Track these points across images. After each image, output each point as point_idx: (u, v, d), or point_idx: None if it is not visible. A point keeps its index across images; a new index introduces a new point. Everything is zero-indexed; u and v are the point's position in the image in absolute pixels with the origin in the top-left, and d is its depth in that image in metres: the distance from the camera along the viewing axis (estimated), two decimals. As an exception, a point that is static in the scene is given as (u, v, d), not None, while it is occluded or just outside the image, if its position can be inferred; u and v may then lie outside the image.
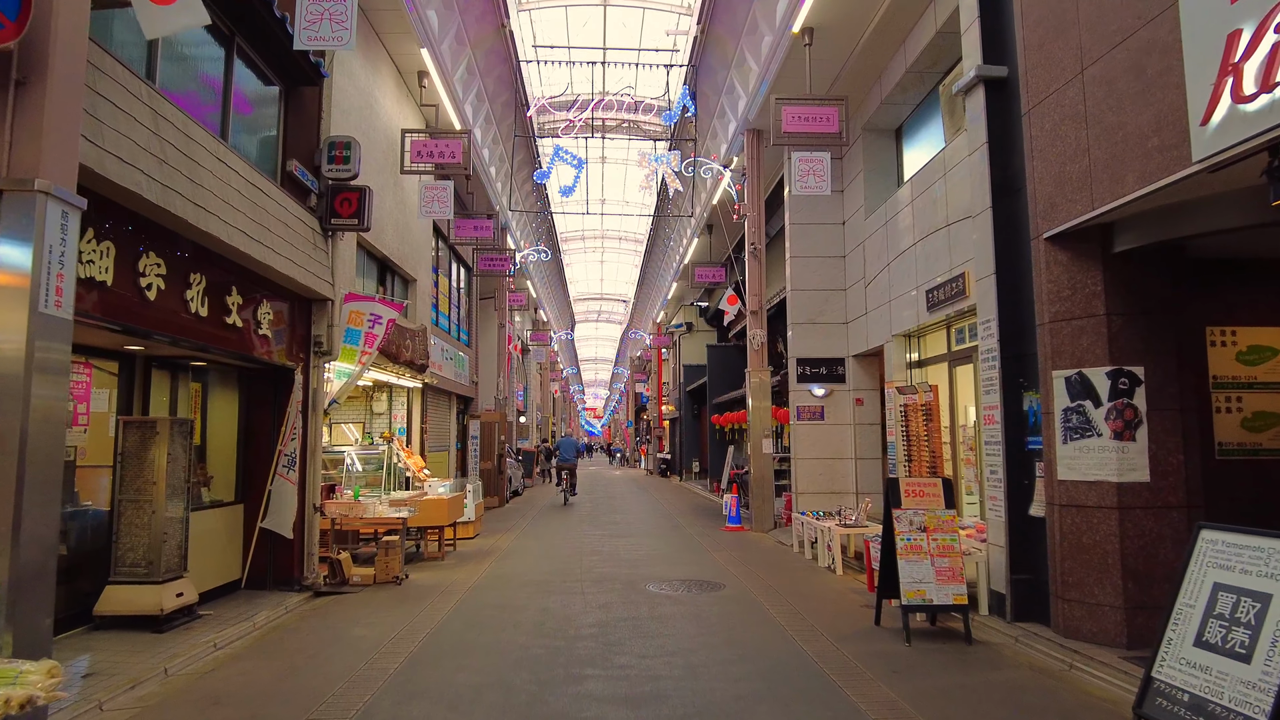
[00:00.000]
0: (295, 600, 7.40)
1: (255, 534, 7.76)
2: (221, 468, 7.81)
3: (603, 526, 13.35)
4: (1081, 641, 5.37)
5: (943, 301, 8.95)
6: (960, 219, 8.54)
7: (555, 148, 11.19)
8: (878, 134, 11.89)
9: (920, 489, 6.00)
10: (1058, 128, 5.68)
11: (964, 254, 8.44)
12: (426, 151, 10.84)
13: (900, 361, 10.67)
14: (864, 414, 12.33)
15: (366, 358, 8.50)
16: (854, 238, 12.21)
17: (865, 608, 6.83)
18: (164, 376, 7.09)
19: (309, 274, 7.77)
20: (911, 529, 5.85)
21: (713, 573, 8.60)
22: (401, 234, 11.46)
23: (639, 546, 10.80)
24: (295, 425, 7.71)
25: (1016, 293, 6.38)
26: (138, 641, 5.66)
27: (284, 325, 7.80)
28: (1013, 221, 6.46)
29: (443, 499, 9.82)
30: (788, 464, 13.90)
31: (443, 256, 15.50)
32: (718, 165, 13.23)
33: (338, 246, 8.59)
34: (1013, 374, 6.36)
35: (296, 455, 7.71)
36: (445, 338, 15.05)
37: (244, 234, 6.27)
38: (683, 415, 27.77)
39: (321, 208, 8.33)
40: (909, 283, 10.03)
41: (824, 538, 9.05)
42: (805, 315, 12.53)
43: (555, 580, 8.20)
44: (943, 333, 9.87)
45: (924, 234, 9.57)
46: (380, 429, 12.60)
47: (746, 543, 11.23)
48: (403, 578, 8.38)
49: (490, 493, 17.58)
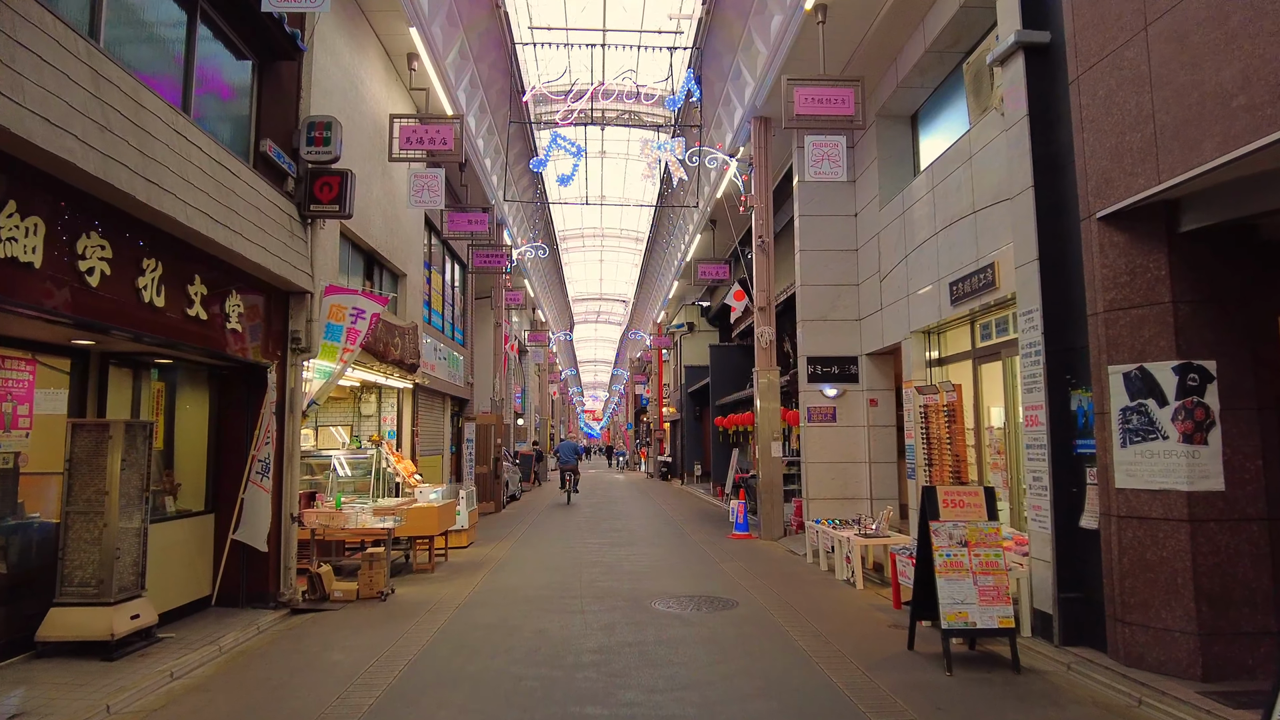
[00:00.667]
0: (269, 619, 6.78)
1: (227, 547, 7.14)
2: (190, 475, 7.19)
3: (603, 534, 12.72)
4: (1147, 671, 4.75)
5: (968, 294, 8.34)
6: (988, 205, 7.93)
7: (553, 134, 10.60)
8: (892, 120, 11.29)
9: (960, 498, 5.38)
10: (1114, 94, 5.08)
11: (993, 242, 7.84)
12: (416, 138, 10.23)
13: (919, 359, 10.06)
14: (878, 415, 11.72)
15: (348, 355, 7.88)
16: (867, 230, 11.60)
17: (893, 628, 6.22)
18: (125, 375, 6.47)
19: (284, 264, 7.15)
20: (951, 543, 5.23)
21: (723, 587, 7.98)
22: (390, 226, 10.84)
23: (642, 557, 10.18)
24: (269, 428, 7.09)
25: (1063, 280, 5.78)
26: (83, 671, 5.04)
27: (258, 320, 7.18)
28: (1058, 201, 5.85)
29: (433, 507, 9.19)
30: (796, 468, 13.31)
31: (435, 252, 14.89)
32: (723, 155, 12.62)
33: (318, 235, 7.97)
34: (1059, 370, 5.75)
35: (271, 461, 7.08)
36: (438, 336, 14.43)
37: (207, 216, 5.66)
38: (684, 417, 27.16)
39: (300, 193, 7.72)
40: (929, 275, 9.43)
41: (841, 549, 8.43)
42: (816, 312, 11.92)
43: (553, 596, 7.58)
44: (966, 328, 9.26)
45: (946, 223, 8.97)
46: (369, 432, 11.97)
47: (756, 552, 10.61)
48: (388, 593, 7.75)
49: (486, 498, 16.95)
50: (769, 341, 12.02)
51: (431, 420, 14.61)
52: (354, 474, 11.07)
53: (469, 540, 11.38)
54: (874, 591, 7.78)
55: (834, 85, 9.38)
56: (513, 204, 19.20)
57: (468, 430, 16.64)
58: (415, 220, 12.18)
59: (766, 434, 11.89)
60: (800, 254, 12.05)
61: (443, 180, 10.34)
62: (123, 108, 4.69)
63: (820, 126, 9.39)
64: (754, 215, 12.24)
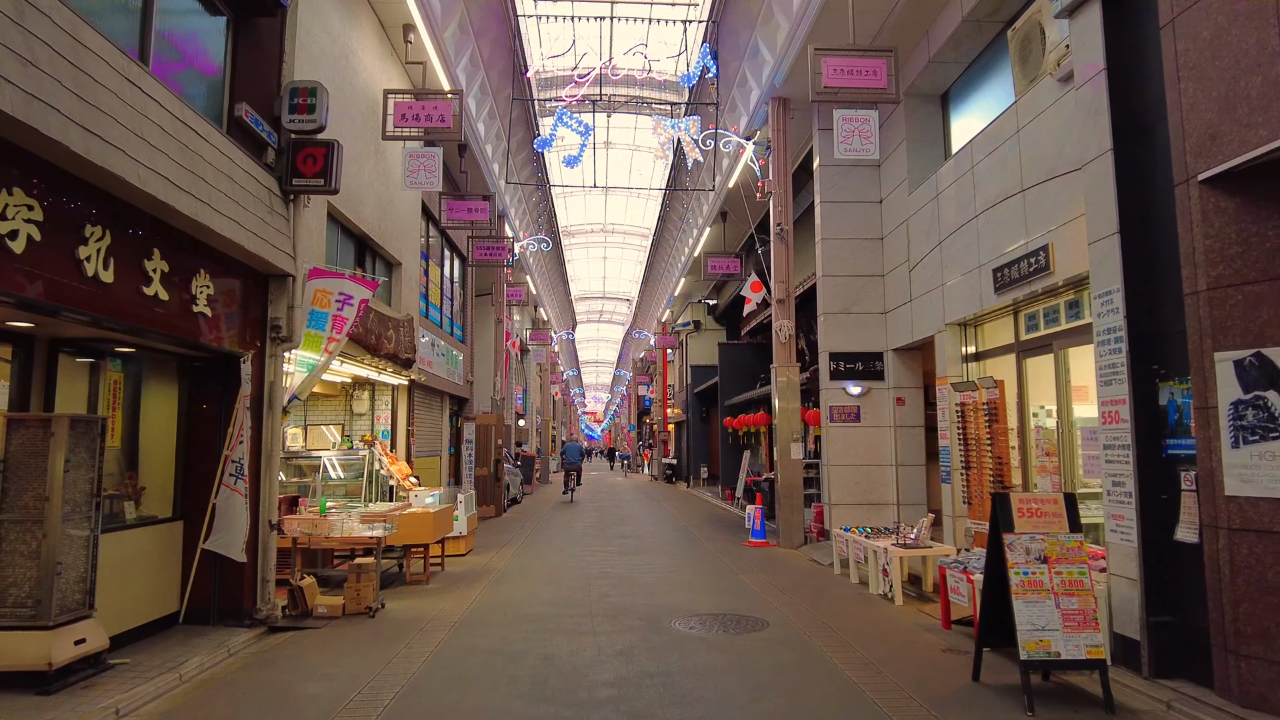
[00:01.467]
0: (242, 640, 6.03)
1: (197, 557, 6.40)
2: (157, 477, 6.45)
3: (611, 541, 11.96)
4: (1270, 715, 4.00)
5: (1017, 280, 7.59)
6: (1041, 181, 7.19)
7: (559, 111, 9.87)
8: (922, 100, 10.56)
9: (1037, 506, 4.62)
10: (1223, 33, 4.33)
11: (1046, 221, 7.10)
12: (412, 114, 9.48)
13: (955, 354, 9.31)
14: (906, 415, 10.96)
15: (334, 345, 7.14)
16: (895, 216, 10.86)
17: (949, 653, 5.46)
18: (80, 367, 5.73)
19: (262, 242, 6.42)
20: (1029, 559, 4.48)
21: (748, 603, 7.22)
22: (384, 210, 10.10)
23: (655, 567, 9.42)
24: (244, 425, 6.35)
25: (1148, 256, 5.03)
26: (11, 708, 4.29)
27: (235, 306, 6.45)
28: (1143, 166, 5.10)
29: (428, 512, 8.44)
30: (814, 471, 12.56)
31: (434, 244, 14.15)
32: (738, 138, 11.89)
33: (301, 214, 7.24)
34: (1145, 359, 5.00)
35: (246, 461, 6.34)
36: (436, 331, 13.69)
37: (166, 181, 4.92)
38: (690, 418, 26.41)
39: (281, 166, 6.98)
40: (968, 261, 8.68)
41: (876, 560, 7.68)
42: (838, 304, 11.18)
43: (559, 613, 6.82)
44: (1008, 319, 8.51)
45: (988, 204, 8.22)
46: (361, 431, 11.23)
47: (776, 562, 9.85)
48: (377, 608, 7.00)
49: (486, 501, 16.20)
50: (788, 336, 11.27)
51: (429, 420, 13.86)
52: (345, 476, 10.37)
53: (467, 547, 10.62)
54: (915, 608, 7.02)
55: (864, 56, 8.64)
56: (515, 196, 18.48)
57: (467, 431, 15.89)
58: (411, 206, 11.44)
59: (786, 435, 11.14)
60: (822, 243, 11.31)
61: (440, 160, 9.60)
62: (54, 41, 3.95)
63: (850, 100, 8.65)
64: (772, 201, 11.50)
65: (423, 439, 13.41)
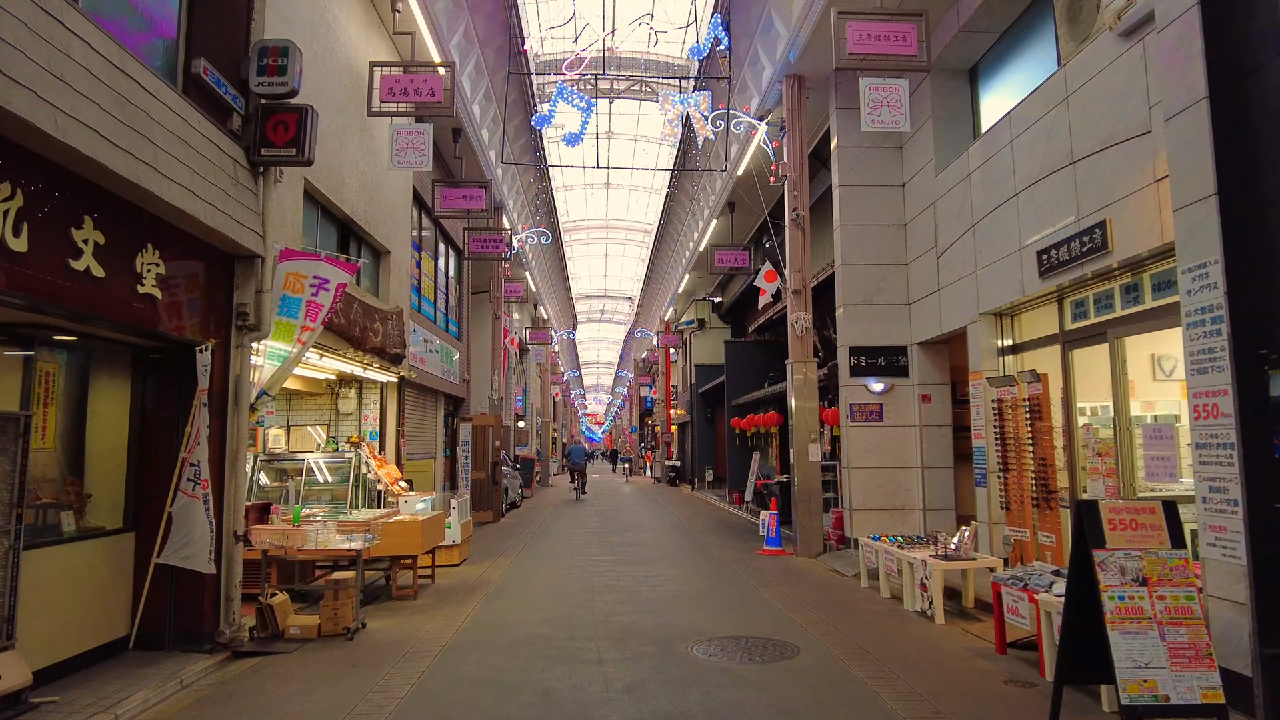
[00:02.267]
0: (200, 668, 5.28)
1: (150, 573, 5.65)
2: (106, 483, 5.70)
3: (614, 549, 11.20)
4: None
5: (1066, 262, 6.85)
6: (1096, 150, 6.45)
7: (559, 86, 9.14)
8: (948, 75, 9.82)
9: (1131, 517, 3.86)
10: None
11: (1102, 195, 6.37)
12: (400, 88, 8.76)
13: (990, 346, 8.56)
14: (932, 414, 10.21)
15: (308, 335, 6.38)
16: (919, 200, 10.11)
17: (1012, 686, 4.71)
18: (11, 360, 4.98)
19: (224, 217, 5.67)
20: (1125, 581, 3.72)
21: (771, 623, 6.45)
22: (370, 192, 9.36)
23: (664, 579, 8.66)
24: (203, 423, 5.59)
25: (1254, 220, 4.28)
26: (-104, 766, 3.55)
27: (194, 288, 5.72)
28: (1245, 116, 4.35)
29: (416, 520, 7.67)
30: (831, 473, 11.80)
31: (428, 235, 13.41)
32: (750, 118, 11.14)
33: (272, 189, 6.49)
34: (1251, 342, 4.25)
35: (205, 464, 5.58)
36: (430, 327, 12.94)
37: (94, 134, 4.17)
38: (694, 419, 25.64)
39: (249, 134, 6.24)
40: (1006, 245, 7.94)
41: (913, 573, 6.91)
42: (858, 295, 10.43)
43: (559, 636, 6.06)
44: (1051, 308, 7.76)
45: (1030, 180, 7.48)
46: (348, 432, 10.49)
47: (795, 573, 9.08)
48: (356, 628, 6.24)
49: (483, 506, 15.44)
50: (805, 329, 10.51)
51: (422, 420, 13.11)
52: (331, 480, 9.64)
53: (461, 557, 9.86)
54: (958, 628, 6.26)
55: (892, 20, 7.93)
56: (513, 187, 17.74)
57: (463, 432, 15.14)
58: (400, 190, 10.69)
59: (803, 435, 10.38)
60: (840, 229, 10.56)
61: (430, 138, 8.87)
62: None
63: (875, 67, 7.93)
64: (787, 185, 10.76)
65: (415, 441, 12.66)
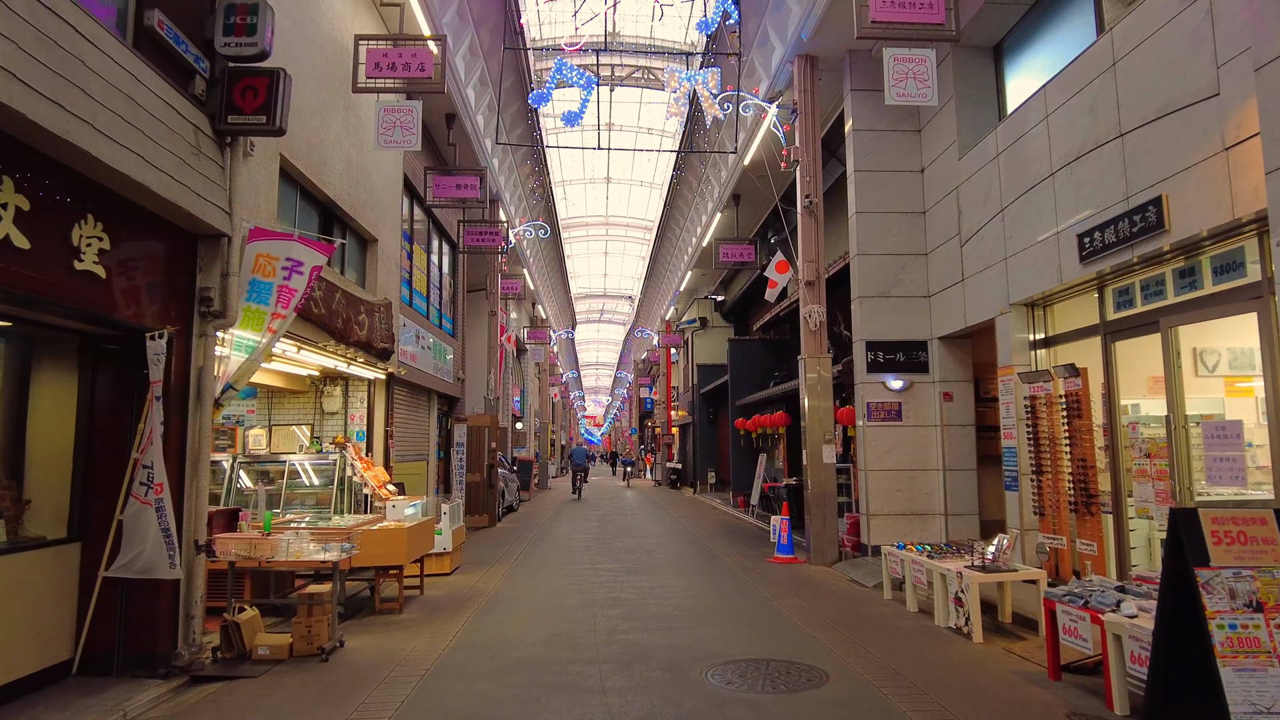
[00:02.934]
0: (149, 697, 4.68)
1: (97, 588, 5.03)
2: (48, 488, 5.09)
3: (616, 556, 10.58)
4: None
5: (1113, 245, 6.26)
6: (1151, 119, 5.86)
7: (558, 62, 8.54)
8: (971, 53, 9.25)
9: (1238, 529, 3.26)
10: None
11: (1158, 168, 5.79)
12: (388, 63, 8.16)
13: (1021, 339, 7.97)
14: (954, 412, 9.61)
15: (279, 322, 5.77)
16: (940, 186, 9.52)
17: (1077, 719, 4.10)
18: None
19: (182, 189, 5.07)
20: (1236, 607, 3.11)
21: (792, 642, 5.84)
22: (355, 176, 8.75)
23: (671, 590, 8.04)
24: (156, 420, 4.98)
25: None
26: None
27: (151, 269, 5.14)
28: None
29: (401, 528, 7.04)
30: (845, 476, 11.19)
31: (420, 226, 12.79)
32: (759, 100, 10.54)
33: (243, 163, 5.90)
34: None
35: (157, 466, 4.97)
36: (422, 322, 12.32)
37: (11, 76, 3.56)
38: (696, 420, 25.03)
39: (215, 101, 5.64)
40: (1040, 228, 7.35)
41: (945, 586, 6.30)
42: (876, 287, 9.83)
43: (558, 658, 5.44)
44: (1088, 297, 7.18)
45: (1070, 158, 6.89)
46: (333, 432, 9.86)
47: (810, 583, 8.47)
48: (332, 648, 5.63)
49: (479, 510, 14.82)
50: (819, 323, 9.90)
51: (413, 421, 12.49)
52: (317, 484, 9.04)
53: (453, 565, 9.24)
54: (999, 647, 5.65)
55: (918, -14, 7.33)
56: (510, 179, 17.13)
57: (458, 433, 14.52)
58: (389, 175, 10.08)
59: (817, 436, 9.77)
60: (856, 217, 9.97)
61: (419, 116, 8.27)
62: None
63: (900, 36, 7.34)
64: (799, 171, 10.16)
65: (407, 442, 12.04)
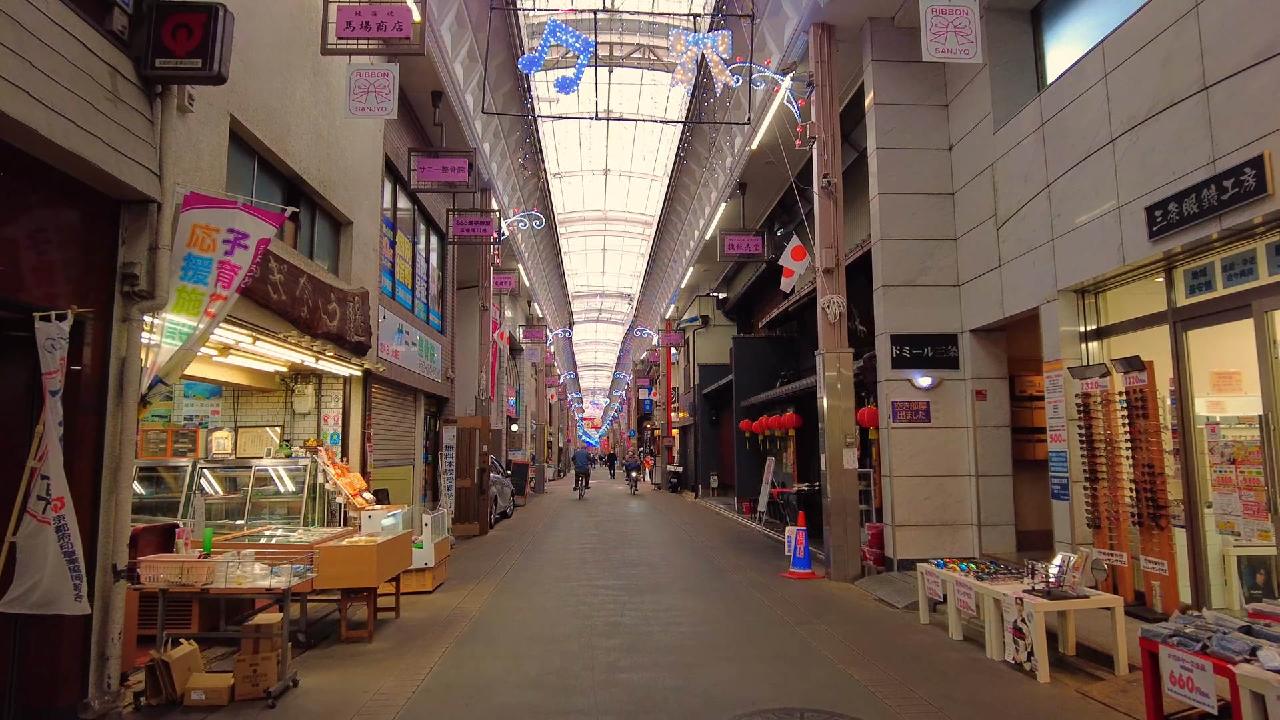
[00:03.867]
0: (43, 761, 3.76)
1: (-11, 625, 4.13)
2: (-69, 502, 4.19)
3: (616, 570, 9.69)
4: None
5: (1194, 217, 5.39)
6: (1247, 66, 5.00)
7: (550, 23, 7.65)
8: (1007, 16, 8.40)
9: None
10: None
11: (1255, 124, 4.95)
12: (360, 21, 7.28)
13: (1071, 330, 7.10)
14: (987, 413, 8.74)
15: (219, 305, 4.87)
16: (972, 163, 8.66)
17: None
18: None
19: (96, 141, 4.18)
20: None
21: (826, 683, 4.95)
22: (326, 149, 7.87)
23: (679, 613, 7.14)
24: (54, 421, 4.08)
25: None
26: None
27: (64, 242, 4.27)
28: None
29: (370, 545, 6.11)
30: (865, 482, 10.31)
31: (405, 215, 11.92)
32: (771, 73, 9.67)
33: (177, 118, 5.02)
34: None
35: (59, 477, 4.06)
36: (407, 316, 11.44)
37: None
38: (698, 422, 24.14)
39: (140, 41, 4.76)
40: (1098, 202, 6.49)
41: (999, 613, 5.42)
42: (900, 275, 8.97)
43: (546, 706, 4.55)
44: (1155, 280, 6.32)
45: (1136, 120, 6.04)
46: (305, 434, 8.97)
47: (833, 603, 7.58)
48: (281, 690, 4.73)
49: (469, 517, 13.92)
50: (839, 315, 9.03)
51: (398, 422, 11.61)
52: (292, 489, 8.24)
53: (435, 582, 8.34)
54: (1070, 688, 4.77)
55: (958, -71, 6.48)
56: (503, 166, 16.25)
57: (447, 436, 13.63)
58: (367, 152, 9.19)
59: (837, 439, 8.88)
60: (879, 198, 9.10)
61: (395, 81, 7.40)
62: None
63: (939, -13, 6.49)
64: (816, 149, 9.29)
65: (390, 445, 11.15)
